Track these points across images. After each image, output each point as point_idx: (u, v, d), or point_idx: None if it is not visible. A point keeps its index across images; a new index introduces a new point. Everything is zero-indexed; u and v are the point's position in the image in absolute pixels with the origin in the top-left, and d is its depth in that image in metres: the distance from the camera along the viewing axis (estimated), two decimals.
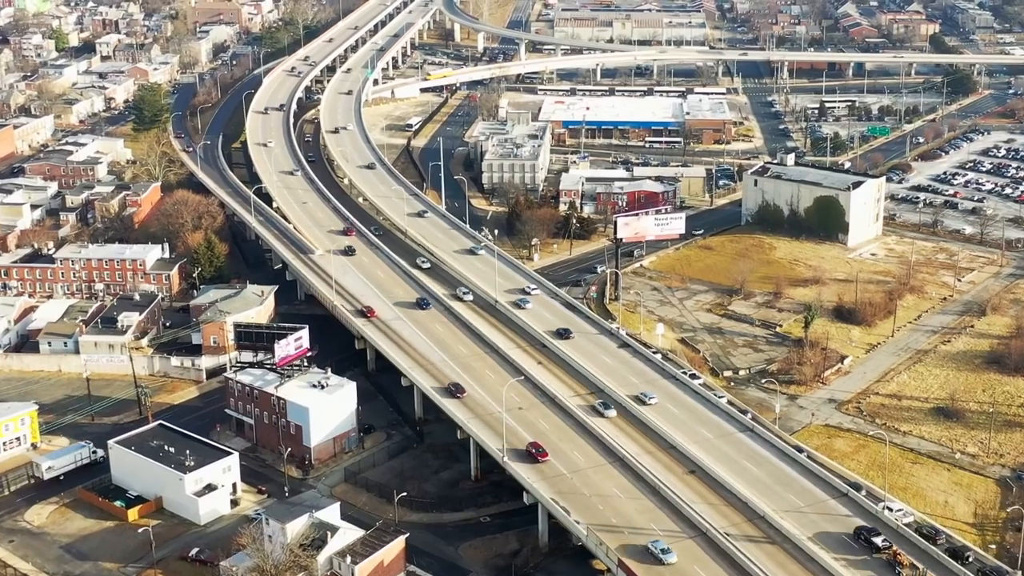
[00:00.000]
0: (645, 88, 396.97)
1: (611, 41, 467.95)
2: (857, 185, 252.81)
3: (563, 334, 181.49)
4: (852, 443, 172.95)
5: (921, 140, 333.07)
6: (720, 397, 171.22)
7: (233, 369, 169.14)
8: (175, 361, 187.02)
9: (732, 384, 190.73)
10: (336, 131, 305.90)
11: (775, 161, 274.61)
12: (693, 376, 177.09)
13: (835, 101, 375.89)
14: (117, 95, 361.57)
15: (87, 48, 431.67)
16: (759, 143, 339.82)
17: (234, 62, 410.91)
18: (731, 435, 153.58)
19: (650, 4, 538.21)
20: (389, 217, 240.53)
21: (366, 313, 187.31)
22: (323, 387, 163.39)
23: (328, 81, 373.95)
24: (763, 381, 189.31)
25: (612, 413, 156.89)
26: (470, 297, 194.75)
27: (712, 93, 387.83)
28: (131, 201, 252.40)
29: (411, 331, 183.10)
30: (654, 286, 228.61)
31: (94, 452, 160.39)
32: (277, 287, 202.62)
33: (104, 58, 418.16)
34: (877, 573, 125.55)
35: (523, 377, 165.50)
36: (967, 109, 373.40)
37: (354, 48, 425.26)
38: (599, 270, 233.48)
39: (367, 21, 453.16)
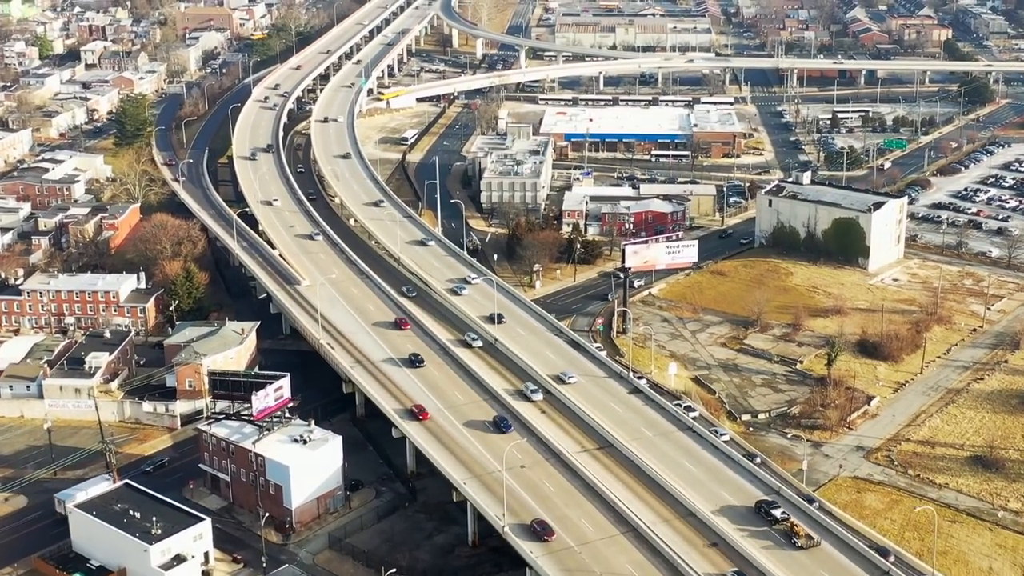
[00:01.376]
0: (650, 97, 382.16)
1: (614, 47, 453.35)
2: (878, 206, 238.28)
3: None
4: (884, 498, 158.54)
5: (928, 151, 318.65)
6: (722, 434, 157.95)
7: (207, 421, 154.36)
8: (147, 406, 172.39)
9: (751, 429, 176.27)
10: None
11: (790, 179, 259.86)
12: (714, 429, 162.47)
13: (848, 111, 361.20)
14: (100, 106, 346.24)
15: (72, 56, 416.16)
16: (770, 156, 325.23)
17: (223, 70, 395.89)
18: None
19: (654, 9, 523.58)
20: (383, 243, 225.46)
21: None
22: (306, 442, 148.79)
23: (320, 91, 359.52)
24: (788, 435, 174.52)
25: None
26: (479, 343, 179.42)
27: (719, 103, 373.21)
28: (107, 224, 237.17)
29: (403, 374, 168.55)
30: (664, 317, 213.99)
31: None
32: (259, 323, 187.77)
33: (89, 66, 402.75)
34: (775, 542, 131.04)
35: (525, 427, 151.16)
36: (985, 119, 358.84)
37: (348, 55, 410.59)
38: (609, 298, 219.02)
39: (358, 31, 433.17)
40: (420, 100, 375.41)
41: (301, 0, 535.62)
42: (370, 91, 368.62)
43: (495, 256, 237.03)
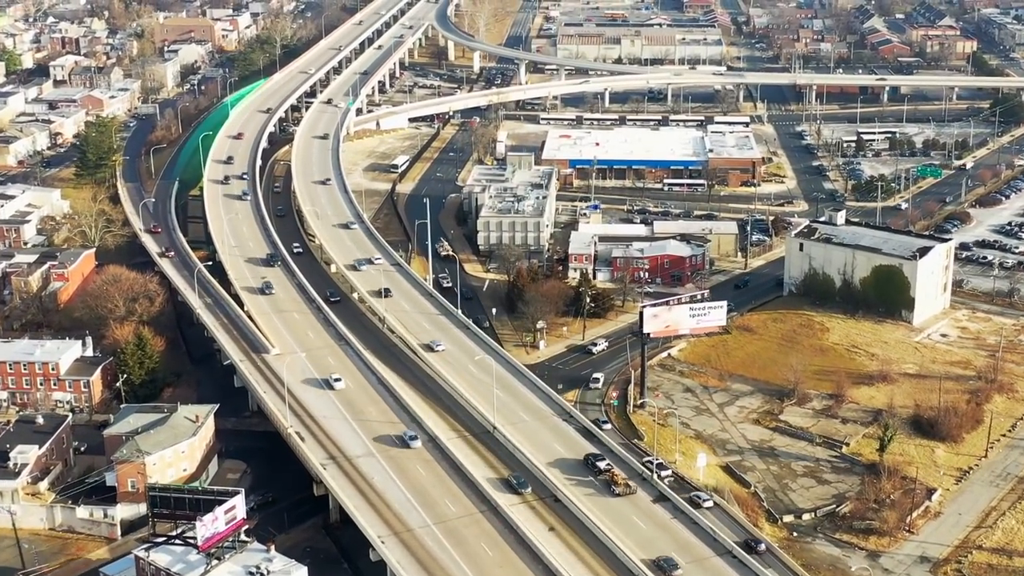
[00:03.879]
0: (659, 116, 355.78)
1: (619, 61, 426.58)
2: (924, 252, 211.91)
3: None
4: None
5: (966, 179, 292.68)
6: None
7: (145, 547, 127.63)
8: (82, 511, 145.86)
9: (794, 535, 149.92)
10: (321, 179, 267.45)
11: (821, 219, 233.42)
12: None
13: (873, 132, 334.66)
14: (65, 129, 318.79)
15: (41, 71, 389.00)
16: (792, 184, 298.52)
17: (202, 87, 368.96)
18: None
19: (660, 18, 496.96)
20: (364, 297, 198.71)
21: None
22: (264, 575, 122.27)
23: (305, 110, 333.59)
24: (840, 542, 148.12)
25: None
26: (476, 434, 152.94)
27: (734, 122, 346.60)
28: (56, 275, 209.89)
29: (385, 475, 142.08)
30: (687, 385, 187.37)
31: None
32: (216, 407, 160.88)
33: (58, 83, 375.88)
34: (597, 490, 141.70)
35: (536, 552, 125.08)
36: (1021, 141, 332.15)
37: (337, 70, 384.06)
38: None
39: (350, 40, 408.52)
40: (413, 120, 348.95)
41: (288, 10, 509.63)
42: (359, 111, 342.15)
43: (493, 310, 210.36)
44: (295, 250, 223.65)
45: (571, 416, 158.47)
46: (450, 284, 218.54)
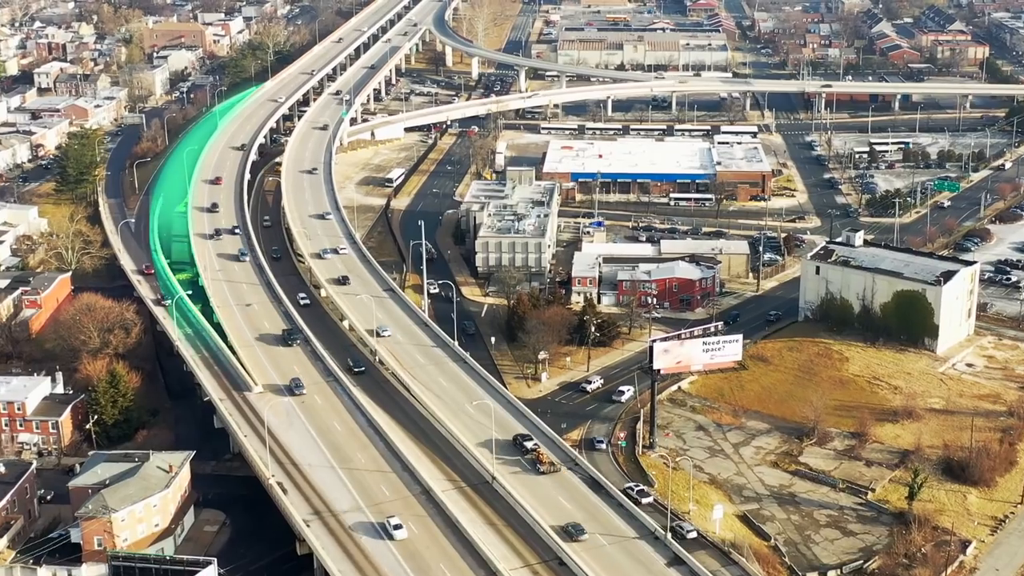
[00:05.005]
0: (664, 126, 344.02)
1: (622, 67, 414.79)
2: (948, 276, 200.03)
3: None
4: None
5: (984, 193, 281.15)
6: None
7: None
8: (44, 573, 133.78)
9: None
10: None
11: (838, 240, 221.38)
12: None
13: (886, 143, 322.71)
14: (47, 140, 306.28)
15: (26, 78, 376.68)
16: (803, 198, 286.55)
17: (191, 96, 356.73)
18: None
19: (663, 22, 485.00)
20: (358, 330, 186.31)
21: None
22: None
23: (299, 118, 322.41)
24: None
25: None
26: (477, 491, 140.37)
27: (741, 132, 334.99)
28: (28, 301, 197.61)
29: (374, 535, 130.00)
30: (699, 423, 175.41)
31: None
32: (192, 454, 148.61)
33: (42, 91, 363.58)
34: (523, 468, 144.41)
35: None
36: None
37: (331, 76, 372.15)
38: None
39: (326, 63, 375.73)
40: (409, 130, 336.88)
41: (282, 14, 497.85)
42: (353, 120, 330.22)
43: (492, 339, 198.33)
44: (301, 301, 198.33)
45: (576, 464, 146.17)
46: (437, 291, 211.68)
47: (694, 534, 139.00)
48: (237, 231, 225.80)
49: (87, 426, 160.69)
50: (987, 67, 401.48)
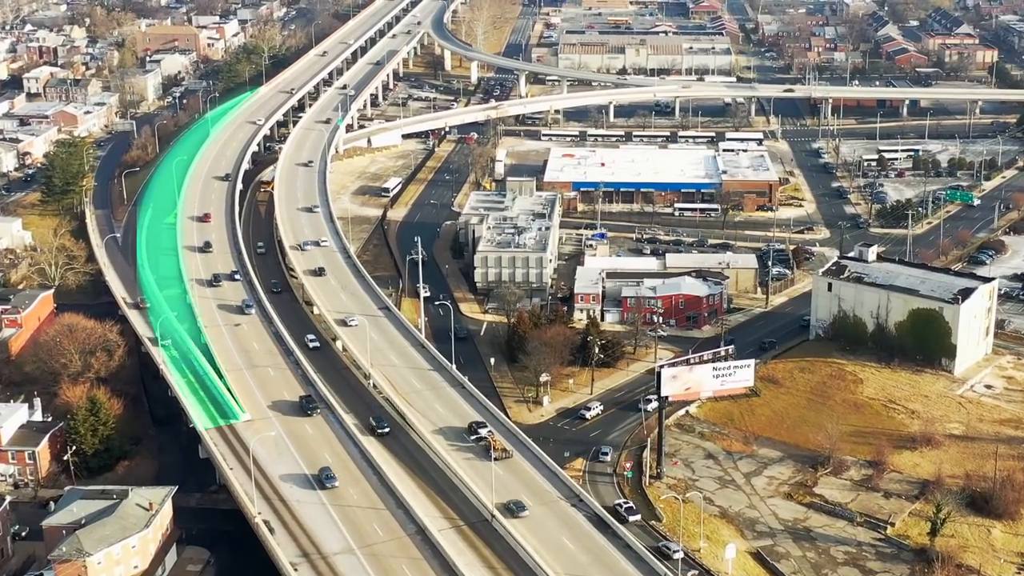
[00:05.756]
0: (667, 132, 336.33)
1: (623, 71, 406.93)
2: (966, 294, 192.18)
3: None
4: None
5: (999, 203, 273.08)
6: None
7: None
8: None
9: None
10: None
11: (851, 255, 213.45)
12: None
13: (895, 150, 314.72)
14: (34, 148, 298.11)
15: (15, 83, 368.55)
16: (811, 208, 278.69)
17: (183, 101, 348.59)
18: None
19: (666, 25, 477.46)
20: (353, 355, 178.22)
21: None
22: None
23: (293, 125, 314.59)
24: None
25: None
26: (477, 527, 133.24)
27: (747, 139, 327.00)
28: (8, 320, 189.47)
29: None
30: (708, 450, 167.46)
31: None
32: (174, 489, 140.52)
33: (32, 96, 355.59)
34: (477, 454, 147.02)
35: None
36: None
37: (327, 81, 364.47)
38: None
39: (308, 79, 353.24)
40: (406, 136, 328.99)
41: (278, 16, 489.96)
42: (348, 127, 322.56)
43: (492, 360, 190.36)
44: (310, 344, 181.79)
45: (580, 501, 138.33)
46: (428, 295, 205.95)
47: (680, 555, 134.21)
48: (237, 277, 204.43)
49: (65, 457, 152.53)
50: (996, 72, 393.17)
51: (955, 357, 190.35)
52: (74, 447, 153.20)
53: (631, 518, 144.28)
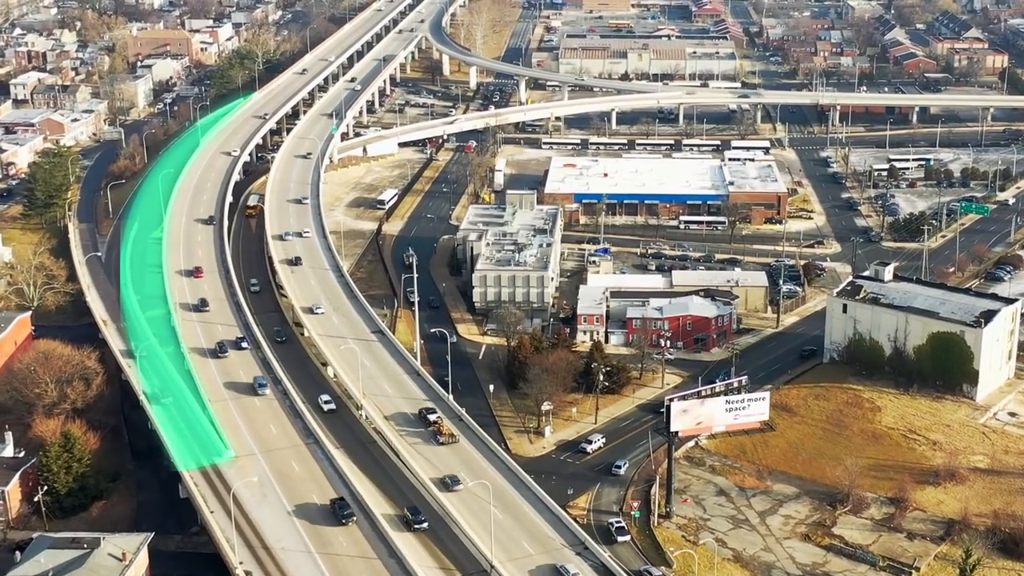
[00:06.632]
0: (671, 140, 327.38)
1: (626, 76, 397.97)
2: (988, 317, 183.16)
3: None
4: None
5: (1015, 216, 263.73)
6: None
7: None
8: None
9: None
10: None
11: (866, 274, 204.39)
12: None
13: (906, 159, 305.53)
14: (18, 158, 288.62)
15: (2, 89, 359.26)
16: (821, 221, 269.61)
17: (174, 108, 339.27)
18: None
19: (668, 28, 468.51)
20: (343, 381, 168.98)
21: None
22: None
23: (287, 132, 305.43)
24: None
25: None
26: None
27: (753, 147, 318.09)
28: None
29: None
30: (720, 486, 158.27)
31: None
32: (151, 536, 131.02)
33: (19, 103, 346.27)
34: (425, 439, 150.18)
35: None
36: None
37: (323, 87, 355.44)
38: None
39: (282, 103, 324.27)
40: (403, 145, 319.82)
41: (273, 19, 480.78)
42: (344, 135, 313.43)
43: (491, 387, 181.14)
44: (326, 407, 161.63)
45: (586, 548, 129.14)
46: (416, 300, 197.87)
47: None
48: (245, 345, 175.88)
49: (35, 498, 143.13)
50: (1008, 77, 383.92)
51: (977, 383, 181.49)
52: (46, 486, 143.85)
53: (620, 539, 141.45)
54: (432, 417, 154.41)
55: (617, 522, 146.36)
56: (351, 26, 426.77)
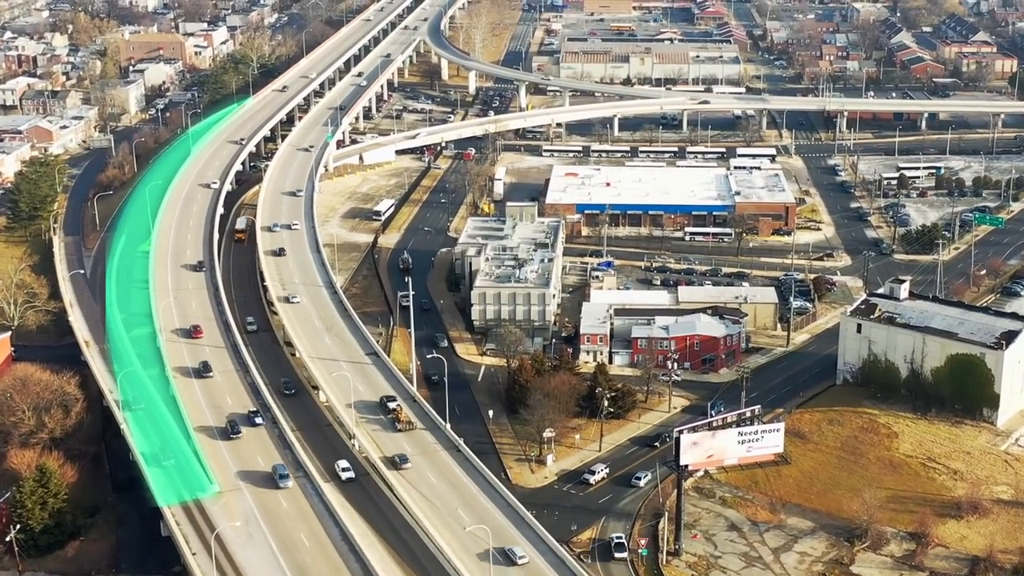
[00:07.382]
0: (675, 147, 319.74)
1: (628, 81, 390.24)
2: (1010, 338, 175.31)
3: None
4: None
5: None
6: None
7: None
8: None
9: None
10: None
11: (881, 291, 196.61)
12: None
13: (916, 167, 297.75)
14: (5, 167, 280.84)
15: None
16: (830, 232, 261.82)
17: (166, 114, 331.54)
18: None
19: (671, 32, 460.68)
20: (333, 405, 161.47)
21: None
22: None
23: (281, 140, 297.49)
24: None
25: None
26: None
27: (759, 155, 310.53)
28: None
29: None
30: (731, 520, 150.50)
31: None
32: None
33: (7, 109, 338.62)
34: (384, 426, 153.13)
35: None
36: None
37: (319, 92, 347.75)
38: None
39: (256, 128, 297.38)
40: (400, 152, 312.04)
41: (268, 22, 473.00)
42: (340, 143, 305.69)
43: (490, 412, 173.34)
44: (343, 472, 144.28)
45: None
46: (408, 304, 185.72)
47: None
48: (259, 421, 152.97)
49: (8, 537, 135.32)
50: (1018, 82, 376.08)
51: (998, 407, 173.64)
52: (19, 524, 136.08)
53: (619, 555, 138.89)
54: (392, 405, 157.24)
55: (618, 537, 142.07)
56: (347, 30, 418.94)
